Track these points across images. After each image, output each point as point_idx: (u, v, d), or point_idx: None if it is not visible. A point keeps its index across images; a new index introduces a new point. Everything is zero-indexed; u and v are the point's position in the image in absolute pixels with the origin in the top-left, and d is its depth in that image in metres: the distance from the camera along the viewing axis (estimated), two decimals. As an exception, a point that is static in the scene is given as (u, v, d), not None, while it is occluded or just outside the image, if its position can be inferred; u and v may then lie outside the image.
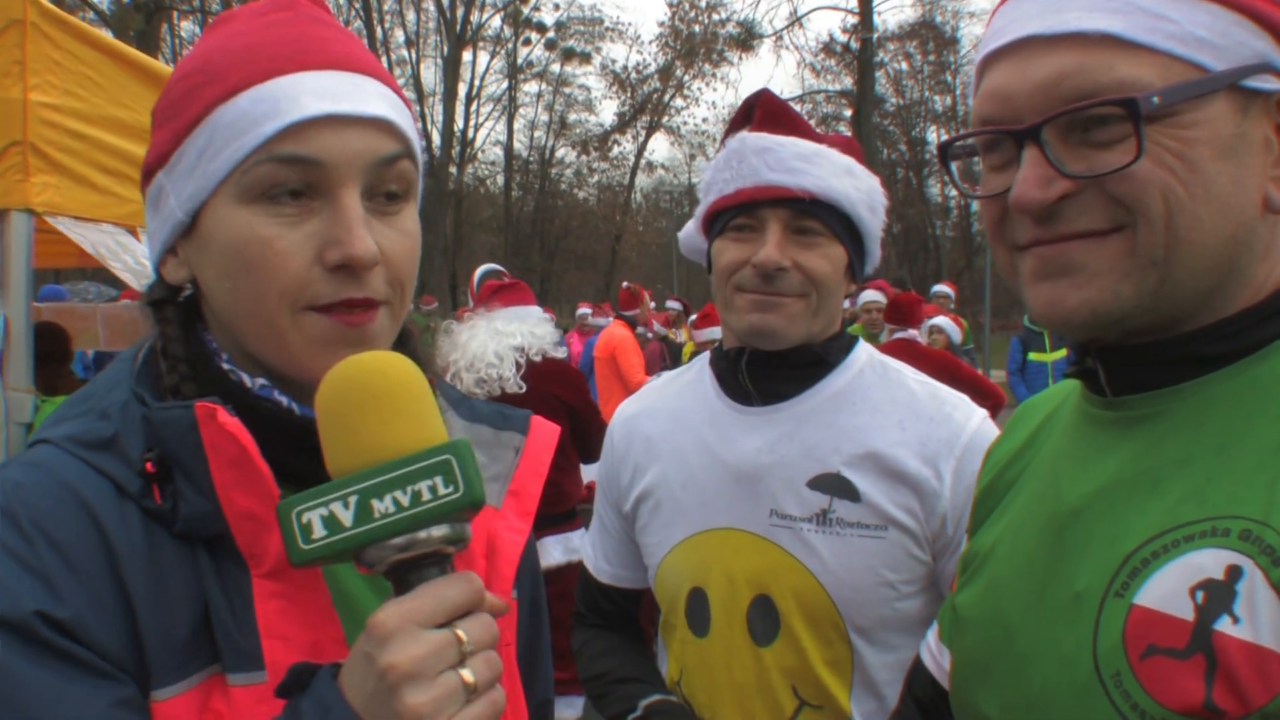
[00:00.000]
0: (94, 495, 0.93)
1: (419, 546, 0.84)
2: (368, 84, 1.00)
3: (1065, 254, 0.98)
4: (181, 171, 0.99)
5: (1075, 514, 1.06)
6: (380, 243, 0.98)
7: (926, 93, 41.10)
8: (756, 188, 1.69)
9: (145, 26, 23.72)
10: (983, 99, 1.03)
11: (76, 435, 0.97)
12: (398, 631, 0.80)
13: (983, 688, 1.14)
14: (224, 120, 0.96)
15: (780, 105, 1.77)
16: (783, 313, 1.68)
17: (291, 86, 0.96)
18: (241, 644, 0.93)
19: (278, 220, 0.96)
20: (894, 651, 1.67)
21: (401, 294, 1.03)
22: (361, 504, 0.83)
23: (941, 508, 1.65)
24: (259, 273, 0.96)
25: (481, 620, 0.84)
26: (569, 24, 40.57)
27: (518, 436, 1.18)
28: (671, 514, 1.80)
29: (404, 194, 1.03)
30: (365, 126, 0.97)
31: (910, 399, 1.73)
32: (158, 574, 0.93)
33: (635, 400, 2.00)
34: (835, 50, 37.44)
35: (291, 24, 1.01)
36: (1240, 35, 0.95)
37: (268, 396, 1.01)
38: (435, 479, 0.83)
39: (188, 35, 34.04)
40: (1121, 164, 0.93)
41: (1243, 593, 0.87)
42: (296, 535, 0.83)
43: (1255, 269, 1.00)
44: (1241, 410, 0.96)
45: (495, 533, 1.12)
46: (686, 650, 1.79)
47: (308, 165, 0.95)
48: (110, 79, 3.27)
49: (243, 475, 0.94)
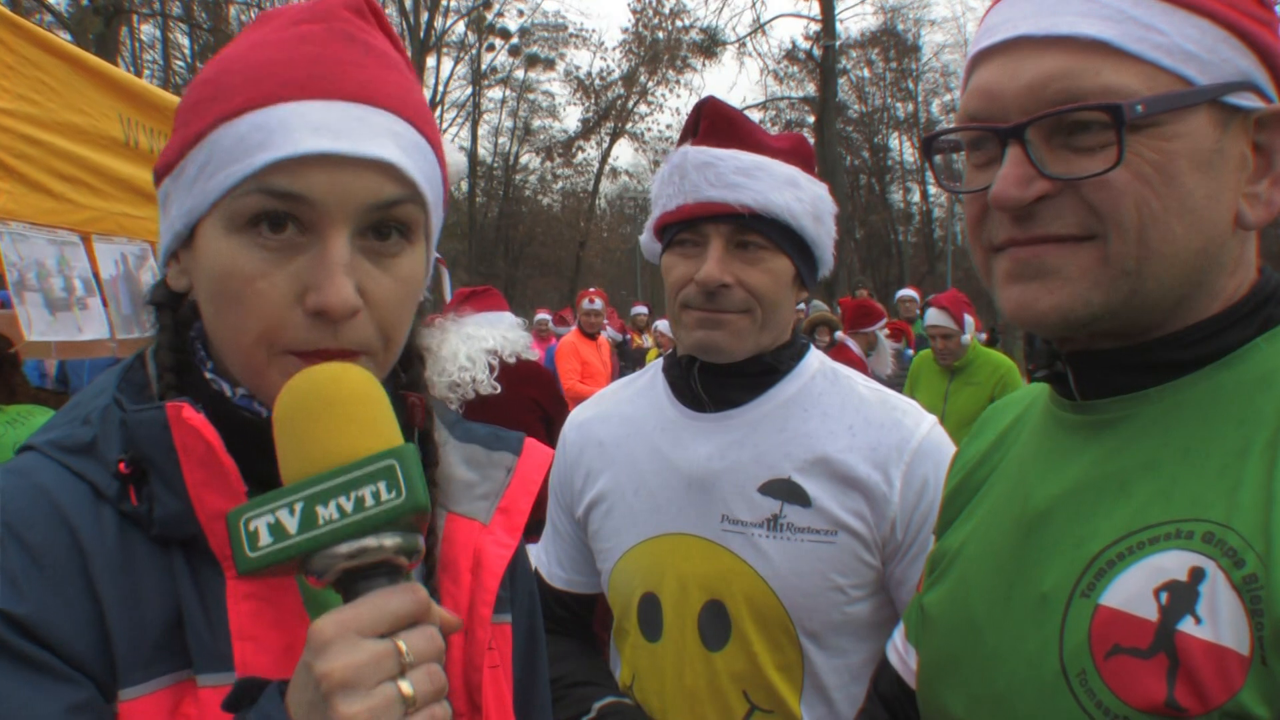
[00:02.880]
0: (68, 498, 0.94)
1: (368, 555, 0.82)
2: (378, 118, 0.95)
3: (1039, 257, 1.00)
4: (184, 184, 0.98)
5: (1043, 515, 1.07)
6: (368, 287, 0.95)
7: (889, 99, 41.39)
8: (698, 204, 1.69)
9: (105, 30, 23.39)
10: (970, 95, 1.04)
11: (58, 440, 0.98)
12: (335, 639, 0.78)
13: (950, 686, 1.15)
14: (223, 142, 0.94)
15: (725, 115, 1.76)
16: (727, 329, 1.70)
17: (291, 117, 0.92)
18: (213, 646, 0.93)
19: (262, 256, 0.93)
20: (843, 656, 1.69)
21: (388, 342, 1.00)
22: (306, 510, 0.81)
23: (891, 512, 1.66)
24: (239, 308, 0.94)
25: (425, 633, 0.82)
26: (533, 30, 40.48)
27: (510, 456, 1.19)
28: (624, 519, 1.81)
29: (406, 235, 0.99)
30: (364, 168, 0.93)
31: (860, 405, 1.75)
32: (131, 576, 0.93)
33: (589, 405, 2.00)
34: (798, 57, 37.62)
35: (316, 40, 0.97)
36: (1226, 52, 0.96)
37: (246, 406, 1.01)
38: (379, 484, 0.82)
39: (148, 38, 33.69)
40: (1101, 169, 0.95)
41: (1205, 594, 0.89)
42: (244, 543, 0.82)
43: (1224, 282, 1.02)
44: (1206, 415, 0.98)
45: (482, 547, 1.12)
46: (639, 655, 1.80)
47: (297, 201, 0.92)
48: (66, 84, 3.24)
49: (212, 475, 0.94)
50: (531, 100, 42.14)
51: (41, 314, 3.13)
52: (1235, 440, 0.95)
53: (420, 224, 1.01)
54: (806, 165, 1.76)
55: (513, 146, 42.58)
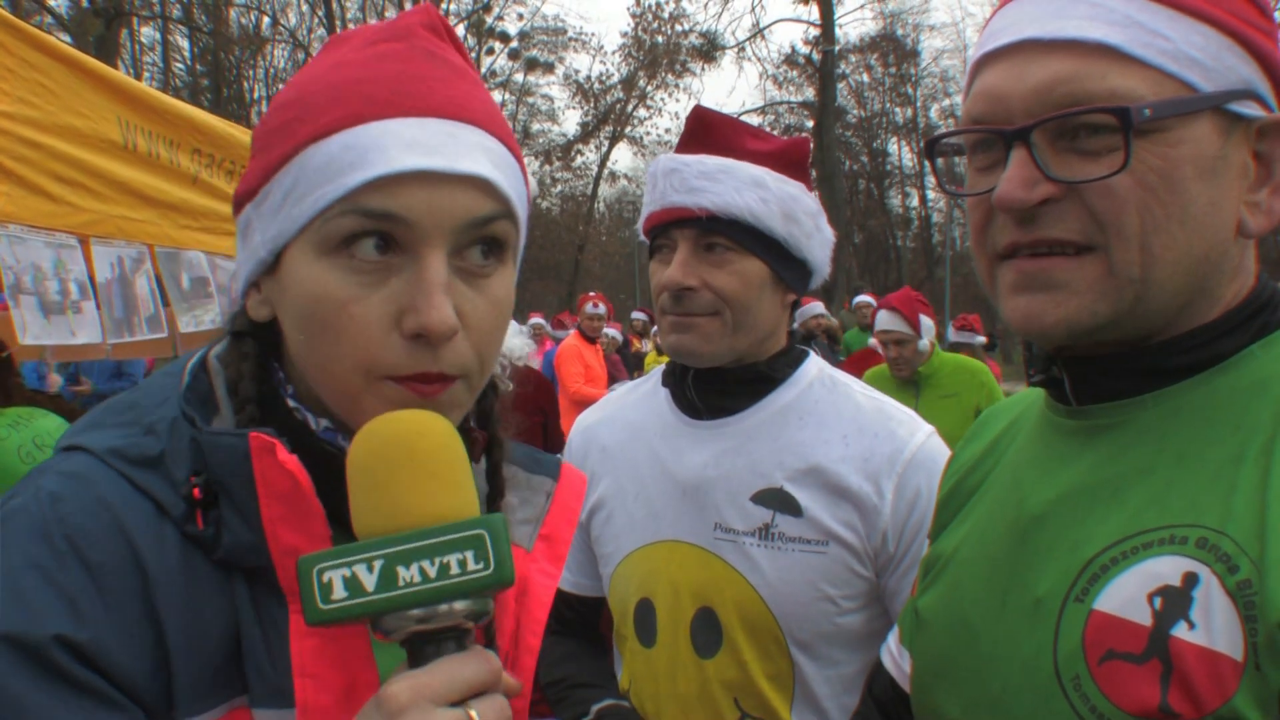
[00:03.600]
0: (132, 516, 0.90)
1: (440, 619, 0.80)
2: (469, 134, 0.93)
3: (1046, 272, 1.00)
4: (268, 210, 0.95)
5: (1038, 520, 1.07)
6: (464, 309, 0.93)
7: (888, 104, 41.43)
8: (664, 209, 1.71)
9: (105, 32, 23.42)
10: (975, 98, 1.04)
11: (120, 449, 0.94)
12: (410, 706, 0.77)
13: (945, 689, 1.15)
14: (312, 164, 0.91)
15: (705, 121, 1.76)
16: (696, 333, 1.70)
17: (383, 135, 0.90)
18: (274, 679, 0.91)
19: (356, 280, 0.91)
20: (836, 666, 1.69)
21: (482, 365, 0.97)
22: (386, 569, 0.79)
23: (882, 524, 1.65)
24: (334, 335, 0.91)
25: (496, 702, 0.81)
26: (532, 34, 40.53)
27: (549, 481, 1.16)
28: (624, 525, 1.81)
29: (499, 254, 0.97)
30: (459, 184, 0.91)
31: (856, 413, 1.74)
32: (192, 601, 0.90)
33: (595, 410, 2.02)
34: (797, 62, 37.66)
35: (399, 58, 0.95)
36: (1230, 60, 0.97)
37: (330, 440, 0.98)
38: (466, 553, 0.80)
39: (148, 41, 33.70)
40: (1106, 174, 0.95)
41: (1199, 599, 0.89)
42: (315, 594, 0.80)
43: (1224, 289, 1.02)
44: (1201, 421, 0.98)
45: (527, 575, 1.09)
46: (635, 660, 1.81)
47: (393, 221, 0.89)
48: (65, 87, 3.24)
49: (293, 512, 0.91)
50: (531, 104, 42.20)
51: (36, 318, 3.13)
52: (1230, 446, 0.95)
53: (512, 243, 0.98)
54: (789, 167, 1.73)
55: (512, 150, 42.57)
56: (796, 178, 1.73)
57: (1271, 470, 0.91)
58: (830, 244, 1.81)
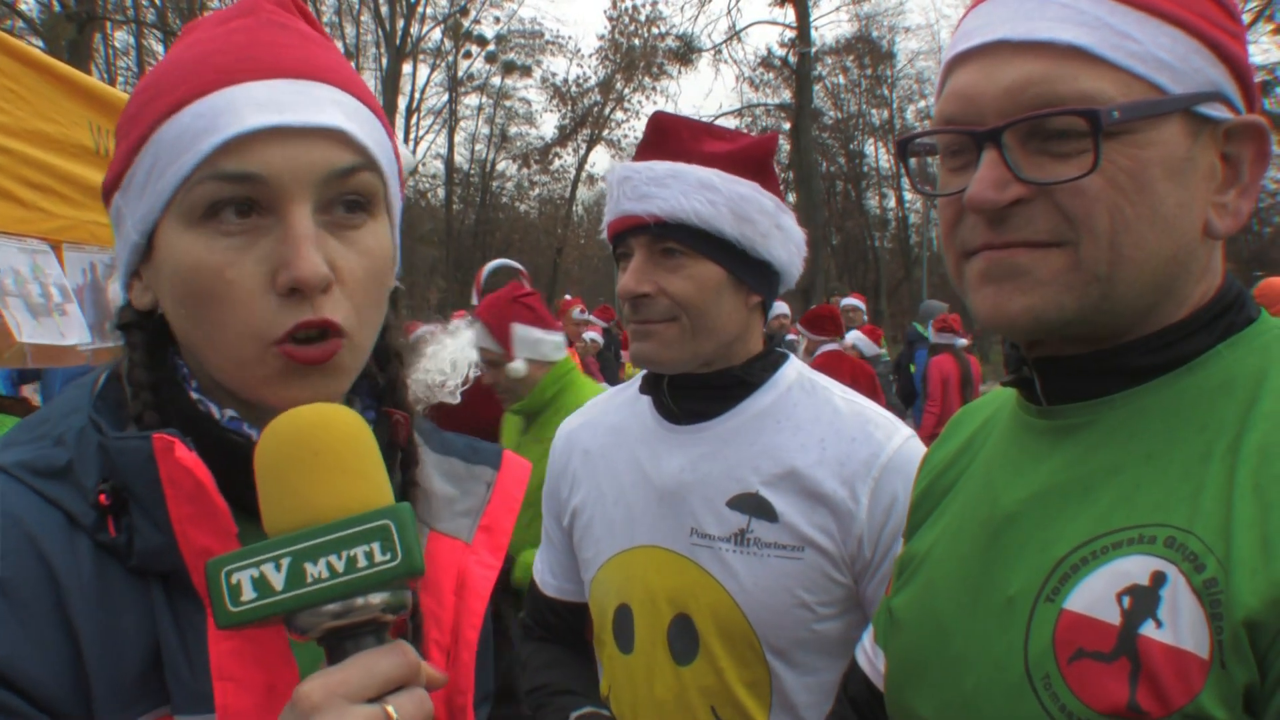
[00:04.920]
0: (42, 528, 0.88)
1: (355, 614, 0.79)
2: (321, 91, 0.94)
3: (1012, 258, 1.01)
4: (134, 193, 0.95)
5: (1009, 519, 1.08)
6: (336, 263, 0.93)
7: (864, 106, 41.59)
8: (619, 218, 1.71)
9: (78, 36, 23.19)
10: (947, 99, 1.05)
11: (28, 461, 0.92)
12: (324, 705, 0.75)
13: (918, 688, 1.15)
14: (167, 138, 0.91)
15: (660, 126, 1.75)
16: (656, 339, 1.70)
17: (234, 98, 0.90)
18: (192, 685, 0.89)
19: (226, 244, 0.91)
20: (814, 674, 1.67)
21: (362, 323, 0.96)
22: (294, 567, 0.78)
23: (857, 529, 1.64)
24: (213, 303, 0.91)
25: (415, 696, 0.80)
26: (509, 37, 40.43)
27: (489, 471, 1.15)
28: (604, 530, 1.81)
29: (366, 207, 0.96)
30: (315, 137, 0.91)
31: (834, 417, 1.73)
32: (108, 610, 0.89)
33: (579, 414, 2.01)
34: (774, 64, 37.73)
35: (249, 30, 0.96)
36: (1198, 62, 0.98)
37: (235, 430, 0.97)
38: (373, 545, 0.79)
39: (121, 45, 33.45)
40: (1076, 175, 0.96)
41: (1166, 598, 0.90)
42: (225, 596, 0.78)
43: (1192, 289, 1.03)
44: (1168, 421, 0.99)
45: (466, 568, 1.08)
46: (614, 666, 1.80)
47: (252, 182, 0.90)
48: (35, 92, 3.21)
49: (200, 511, 0.90)
50: (508, 107, 42.12)
51: (26, 318, 3.11)
52: (1197, 445, 0.96)
53: (380, 195, 0.98)
54: (742, 166, 1.70)
55: (489, 153, 42.52)
56: (750, 176, 1.70)
57: (1237, 469, 0.92)
58: (797, 242, 1.77)
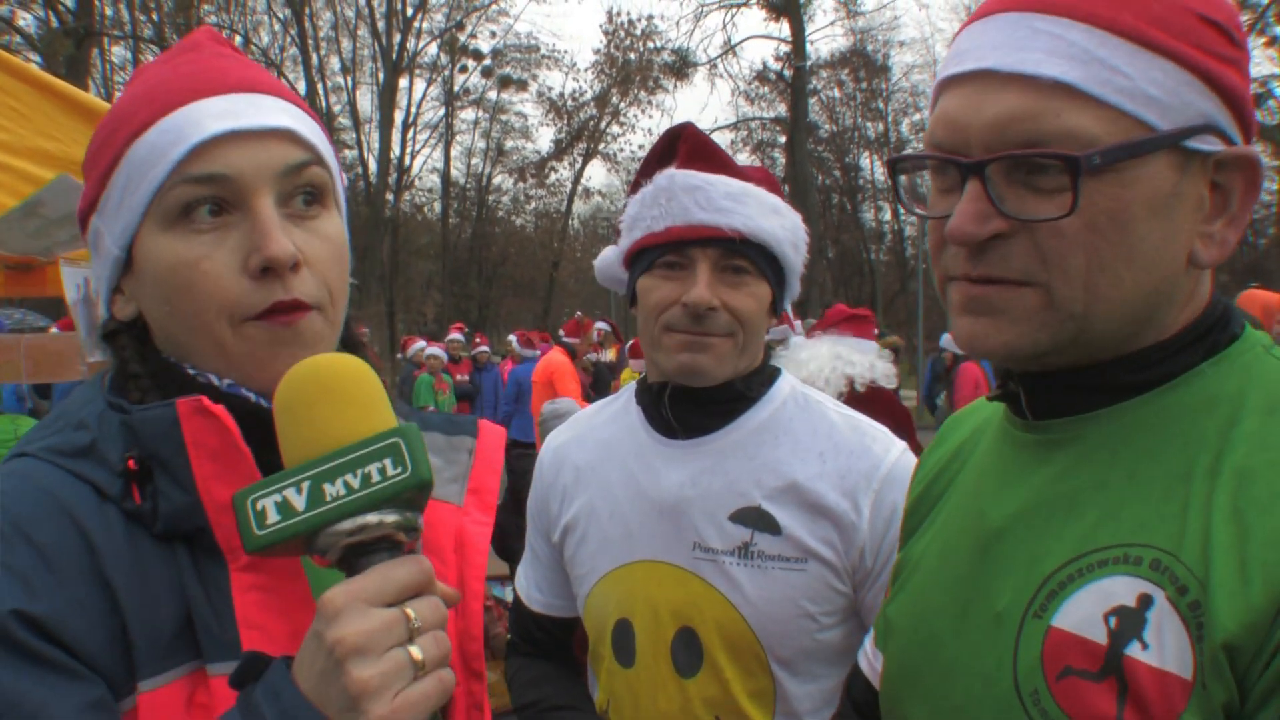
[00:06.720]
0: (75, 499, 0.96)
1: (369, 531, 0.86)
2: (268, 100, 1.06)
3: (985, 296, 1.01)
4: (110, 211, 1.05)
5: (998, 534, 1.09)
6: (302, 247, 1.03)
7: (859, 119, 41.64)
8: (687, 226, 1.69)
9: (75, 52, 23.26)
10: (936, 122, 1.04)
11: (54, 446, 1.01)
12: (346, 608, 0.82)
13: (911, 695, 1.17)
14: (138, 156, 1.02)
15: (705, 141, 1.77)
16: (712, 353, 1.70)
17: (194, 112, 1.02)
18: (221, 636, 0.96)
19: (200, 241, 1.01)
20: (816, 681, 1.70)
21: (332, 296, 1.07)
22: (314, 488, 0.86)
23: (860, 540, 1.67)
24: (192, 293, 1.01)
25: (431, 602, 0.87)
26: (505, 51, 40.55)
27: (469, 439, 1.25)
28: (598, 545, 1.81)
29: (321, 199, 1.08)
30: (268, 138, 1.03)
31: (831, 431, 1.75)
32: (140, 573, 0.96)
33: (565, 429, 2.01)
34: (769, 78, 37.87)
35: (196, 61, 1.08)
36: (1189, 95, 0.96)
37: (236, 393, 1.04)
38: (384, 461, 0.86)
39: (119, 61, 33.49)
40: (1055, 215, 0.95)
41: (1152, 620, 0.91)
42: (251, 521, 0.86)
43: (1175, 316, 1.03)
44: (1152, 438, 1.00)
45: (462, 528, 1.18)
46: (614, 680, 1.80)
47: (219, 181, 1.01)
48: (36, 110, 3.24)
49: (224, 466, 0.98)
50: (504, 121, 42.23)
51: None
52: (1179, 463, 0.97)
53: (330, 188, 1.09)
54: (779, 195, 1.79)
55: (486, 167, 42.59)
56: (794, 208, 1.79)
57: (1216, 492, 0.92)
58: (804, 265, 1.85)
